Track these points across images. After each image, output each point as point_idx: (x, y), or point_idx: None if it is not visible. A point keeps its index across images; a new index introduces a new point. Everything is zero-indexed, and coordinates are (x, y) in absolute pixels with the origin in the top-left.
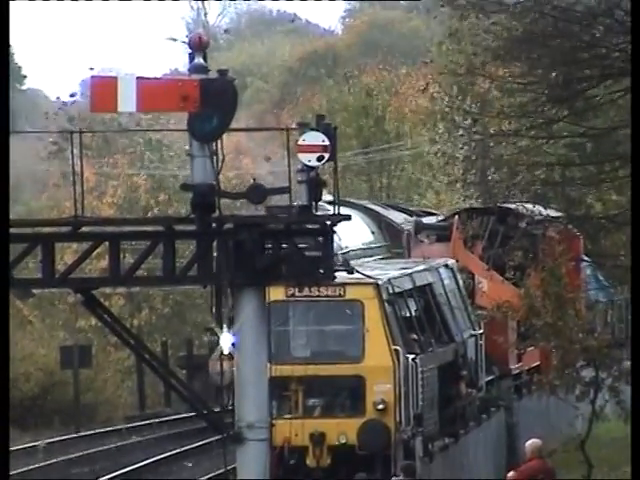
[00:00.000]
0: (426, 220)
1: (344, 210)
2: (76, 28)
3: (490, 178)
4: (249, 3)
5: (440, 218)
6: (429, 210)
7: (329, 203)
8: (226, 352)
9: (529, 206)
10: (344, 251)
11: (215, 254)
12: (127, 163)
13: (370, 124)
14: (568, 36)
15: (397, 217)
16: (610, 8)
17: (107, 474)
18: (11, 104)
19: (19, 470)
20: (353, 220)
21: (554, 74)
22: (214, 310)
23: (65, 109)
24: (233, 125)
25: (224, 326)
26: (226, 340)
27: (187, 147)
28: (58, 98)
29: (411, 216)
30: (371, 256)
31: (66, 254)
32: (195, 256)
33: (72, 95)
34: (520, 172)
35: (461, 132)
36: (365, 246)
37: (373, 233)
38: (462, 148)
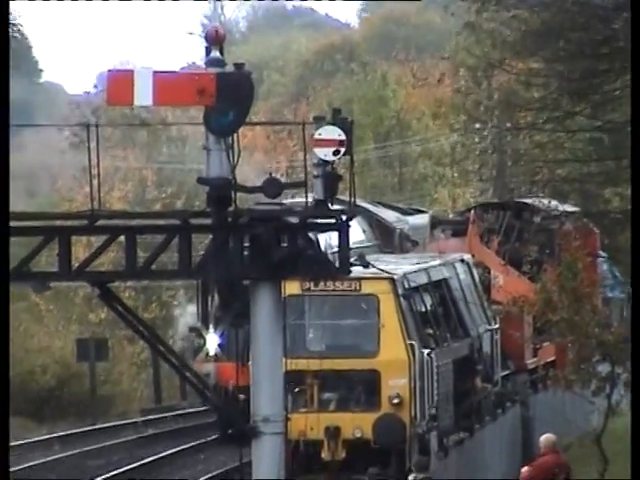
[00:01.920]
0: (415, 219)
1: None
2: (94, 23)
3: (506, 172)
4: None
5: (427, 217)
6: (419, 208)
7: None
8: (212, 353)
9: (546, 201)
10: (334, 250)
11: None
12: (136, 157)
13: (388, 115)
14: (587, 30)
15: (389, 215)
16: (629, 2)
17: (123, 466)
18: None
19: (36, 462)
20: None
21: (573, 68)
22: (200, 309)
23: (85, 101)
24: (249, 119)
25: (210, 326)
26: (212, 341)
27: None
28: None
29: (403, 214)
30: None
31: (79, 247)
32: (211, 250)
33: (95, 86)
34: (537, 167)
35: (477, 125)
36: (355, 245)
37: (364, 232)
38: (479, 142)
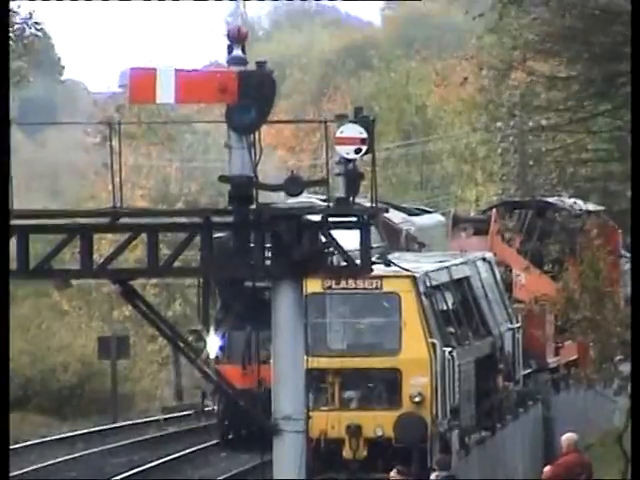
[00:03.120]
0: (422, 219)
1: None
2: (116, 21)
3: (529, 172)
4: None
5: (435, 218)
6: (425, 208)
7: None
8: (212, 356)
9: (568, 200)
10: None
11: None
12: (160, 154)
13: (411, 113)
14: (608, 32)
15: (395, 216)
16: None
17: (144, 464)
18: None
19: (58, 459)
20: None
21: (594, 69)
22: (201, 310)
23: (107, 99)
24: (272, 117)
25: (211, 328)
26: (213, 343)
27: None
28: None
29: (409, 215)
30: None
31: (104, 245)
32: (232, 248)
33: (121, 86)
34: (559, 166)
35: (499, 125)
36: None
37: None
38: (501, 142)
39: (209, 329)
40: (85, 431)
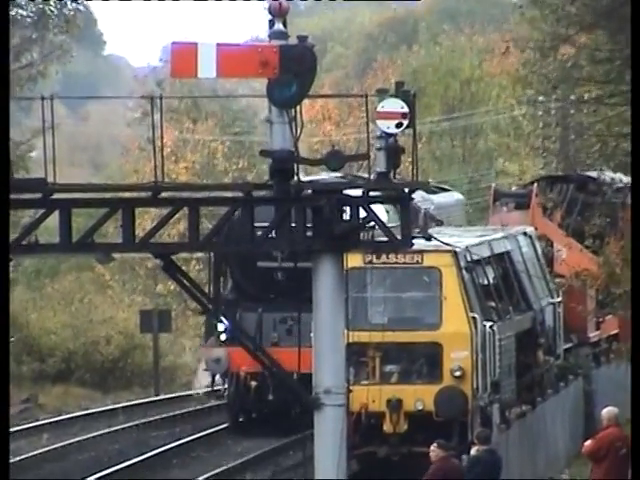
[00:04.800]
0: (441, 197)
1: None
2: None
3: (571, 146)
4: None
5: (454, 196)
6: (444, 186)
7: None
8: (223, 338)
9: (609, 174)
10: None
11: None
12: (208, 129)
13: (455, 87)
14: None
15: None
16: None
17: (185, 437)
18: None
19: (101, 431)
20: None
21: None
22: (212, 291)
23: (149, 74)
24: (313, 91)
25: (221, 309)
26: (222, 325)
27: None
28: (148, 64)
29: (427, 193)
30: None
31: (145, 219)
32: (274, 222)
33: (160, 59)
34: (600, 140)
35: (541, 99)
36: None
37: (387, 212)
38: (542, 116)
39: (220, 310)
40: (127, 404)
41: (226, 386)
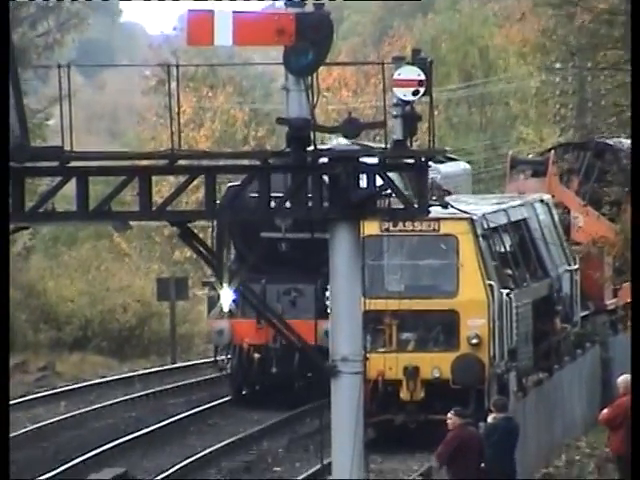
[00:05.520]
0: (447, 167)
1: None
2: None
3: (588, 113)
4: None
5: (461, 165)
6: (451, 156)
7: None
8: (226, 309)
9: (627, 141)
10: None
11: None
12: (227, 97)
13: (473, 55)
14: None
15: None
16: None
17: (202, 404)
18: (108, 38)
19: (118, 399)
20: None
21: None
22: (215, 261)
23: (165, 42)
24: (330, 59)
25: (224, 280)
26: (226, 296)
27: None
28: (162, 32)
29: (434, 163)
30: None
31: (163, 187)
32: (290, 190)
33: (175, 29)
34: (618, 107)
35: (558, 65)
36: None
37: (393, 182)
38: (558, 83)
39: (223, 281)
40: (144, 372)
41: (228, 357)
